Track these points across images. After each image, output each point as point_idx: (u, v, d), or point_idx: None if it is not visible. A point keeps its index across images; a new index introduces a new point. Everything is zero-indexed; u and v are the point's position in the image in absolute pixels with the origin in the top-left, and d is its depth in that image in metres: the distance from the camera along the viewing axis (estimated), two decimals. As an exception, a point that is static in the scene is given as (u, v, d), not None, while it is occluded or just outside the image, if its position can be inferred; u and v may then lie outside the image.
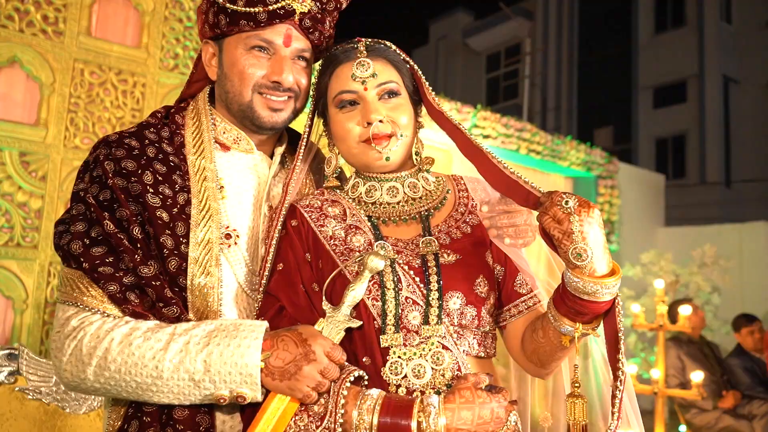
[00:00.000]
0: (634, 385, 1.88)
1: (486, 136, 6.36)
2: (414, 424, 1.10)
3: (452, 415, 1.11)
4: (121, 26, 4.75)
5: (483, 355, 1.30)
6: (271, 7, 1.33)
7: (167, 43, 4.87)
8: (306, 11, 1.37)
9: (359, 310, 1.23)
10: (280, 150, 1.50)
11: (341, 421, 1.12)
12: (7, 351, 2.03)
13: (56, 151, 4.39)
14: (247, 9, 1.33)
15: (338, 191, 1.44)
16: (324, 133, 1.48)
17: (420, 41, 21.68)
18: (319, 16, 1.41)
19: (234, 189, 1.40)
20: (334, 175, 1.44)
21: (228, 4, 1.34)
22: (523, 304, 1.37)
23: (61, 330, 1.22)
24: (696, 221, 11.14)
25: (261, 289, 1.31)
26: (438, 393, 1.18)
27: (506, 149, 6.66)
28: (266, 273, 1.31)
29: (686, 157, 15.26)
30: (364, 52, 1.36)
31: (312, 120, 1.45)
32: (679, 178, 14.78)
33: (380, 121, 1.31)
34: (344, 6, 1.48)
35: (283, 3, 1.34)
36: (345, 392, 1.13)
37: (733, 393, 5.06)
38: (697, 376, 4.15)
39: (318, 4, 1.41)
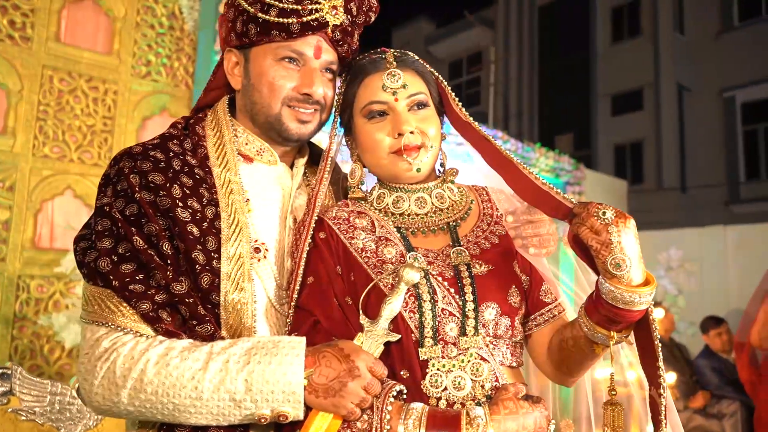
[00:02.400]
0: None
1: (459, 144, 6.40)
2: None
3: (498, 426, 1.11)
4: (92, 32, 4.62)
5: (515, 364, 1.30)
6: (304, 19, 1.31)
7: (139, 49, 4.76)
8: (338, 24, 1.36)
9: (396, 323, 1.22)
10: (302, 161, 1.48)
11: None
12: (-1, 371, 1.94)
13: (24, 160, 4.24)
14: (280, 20, 1.30)
15: (362, 202, 1.42)
16: (347, 144, 1.46)
17: (383, 48, 21.74)
18: (349, 29, 1.40)
19: (259, 202, 1.37)
20: (361, 186, 1.42)
21: (260, 14, 1.31)
22: (549, 312, 1.39)
23: (90, 352, 1.17)
24: (654, 226, 11.43)
25: (293, 303, 1.28)
26: (478, 404, 1.18)
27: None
28: (297, 287, 1.28)
29: (644, 163, 15.68)
30: (394, 62, 1.36)
31: (336, 131, 1.44)
32: (638, 184, 15.16)
33: (411, 132, 1.31)
34: (372, 20, 1.47)
35: (317, 15, 1.32)
36: (389, 407, 1.12)
37: (702, 393, 5.20)
38: (670, 377, 4.25)
39: (349, 17, 1.39)
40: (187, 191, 1.25)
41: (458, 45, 19.57)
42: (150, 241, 1.19)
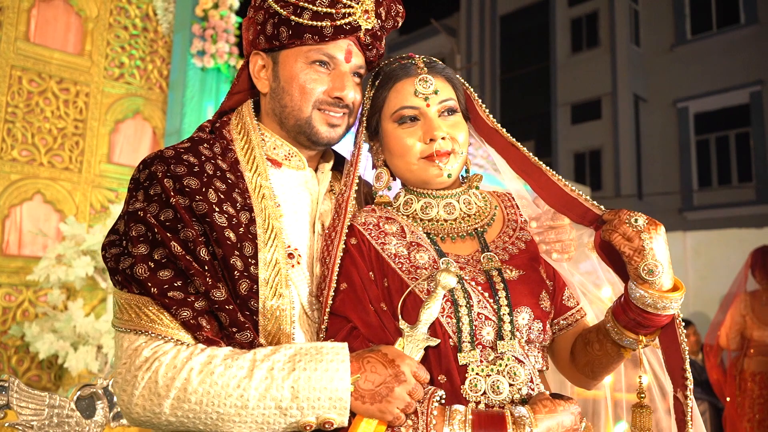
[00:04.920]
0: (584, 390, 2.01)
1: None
2: None
3: (540, 424, 1.13)
4: (62, 32, 4.49)
5: (544, 368, 1.32)
6: (338, 22, 1.31)
7: (112, 51, 4.65)
8: (370, 28, 1.36)
9: (434, 327, 1.22)
10: (328, 166, 1.47)
11: None
12: (-6, 384, 1.85)
13: (-8, 163, 4.09)
14: (314, 23, 1.30)
15: (389, 208, 1.42)
16: (371, 149, 1.46)
17: (345, 55, 21.72)
18: (379, 33, 1.40)
19: (290, 207, 1.35)
20: (386, 191, 1.42)
21: (293, 17, 1.30)
22: (572, 317, 1.41)
23: (129, 361, 1.13)
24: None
25: (327, 310, 1.27)
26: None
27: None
28: (332, 293, 1.27)
29: (602, 170, 16.08)
30: (425, 68, 1.36)
31: (364, 136, 1.44)
32: (597, 191, 15.53)
33: (442, 138, 1.31)
34: (399, 25, 1.48)
35: (350, 19, 1.32)
36: (434, 412, 1.12)
37: (670, 394, 5.32)
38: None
39: (379, 21, 1.40)
40: (222, 196, 1.23)
41: (421, 52, 19.66)
42: (187, 247, 1.16)
